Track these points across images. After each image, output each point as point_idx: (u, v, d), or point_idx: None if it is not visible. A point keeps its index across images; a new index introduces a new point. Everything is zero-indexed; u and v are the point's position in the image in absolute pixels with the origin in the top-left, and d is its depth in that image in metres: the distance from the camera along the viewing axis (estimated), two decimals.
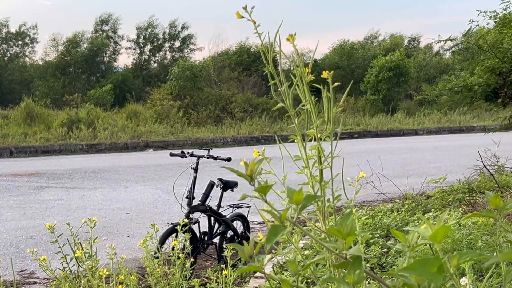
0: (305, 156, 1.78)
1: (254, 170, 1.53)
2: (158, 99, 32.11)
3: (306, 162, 1.79)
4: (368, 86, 38.21)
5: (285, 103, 1.79)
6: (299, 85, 1.77)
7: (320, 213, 1.77)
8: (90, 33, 42.88)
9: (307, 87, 1.73)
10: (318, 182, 1.78)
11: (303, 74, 1.72)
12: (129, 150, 24.93)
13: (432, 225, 1.36)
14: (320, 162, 1.80)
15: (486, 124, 30.37)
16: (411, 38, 49.20)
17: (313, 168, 1.81)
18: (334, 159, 1.84)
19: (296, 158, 1.81)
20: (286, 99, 1.79)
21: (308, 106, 1.74)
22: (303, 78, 1.72)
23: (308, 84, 1.73)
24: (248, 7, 1.75)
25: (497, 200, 1.78)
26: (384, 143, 25.73)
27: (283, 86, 1.77)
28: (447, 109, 27.08)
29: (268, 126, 30.33)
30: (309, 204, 1.50)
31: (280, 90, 1.77)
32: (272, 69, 1.76)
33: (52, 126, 27.40)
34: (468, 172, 12.17)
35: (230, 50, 41.93)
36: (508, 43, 9.24)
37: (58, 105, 33.58)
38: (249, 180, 1.53)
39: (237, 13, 1.76)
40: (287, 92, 1.77)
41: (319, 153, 1.79)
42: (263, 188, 1.49)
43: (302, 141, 1.80)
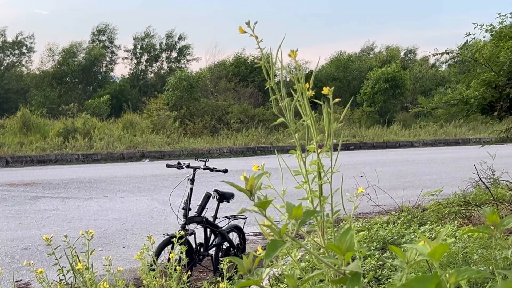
0: (304, 171, 1.79)
1: (253, 185, 1.54)
2: (154, 110, 32.13)
3: (305, 177, 1.80)
4: (364, 98, 38.29)
5: (285, 118, 1.80)
6: (299, 101, 1.79)
7: (319, 228, 1.78)
8: (87, 43, 42.95)
9: (307, 103, 1.75)
10: (318, 197, 1.79)
11: (304, 90, 1.73)
12: (125, 160, 24.91)
13: (431, 242, 1.37)
14: (320, 177, 1.81)
15: (482, 137, 30.43)
16: (407, 50, 49.38)
17: (313, 183, 1.82)
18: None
19: (296, 173, 1.82)
20: (286, 114, 1.80)
21: (309, 121, 1.75)
22: (303, 94, 1.74)
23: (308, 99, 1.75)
24: (251, 22, 1.77)
25: (494, 216, 1.79)
26: (380, 155, 25.76)
27: (284, 102, 1.78)
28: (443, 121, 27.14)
29: (264, 137, 30.35)
30: (308, 219, 1.51)
31: (281, 105, 1.78)
32: (274, 85, 1.78)
33: (48, 136, 27.38)
34: (464, 184, 12.19)
35: (227, 61, 42.01)
36: (504, 57, 9.28)
37: (54, 115, 33.56)
38: (248, 195, 1.54)
39: (240, 28, 1.78)
40: (288, 107, 1.78)
41: (318, 168, 1.81)
42: (263, 203, 1.50)
43: (301, 156, 1.81)
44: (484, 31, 10.24)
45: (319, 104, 1.78)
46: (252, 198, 1.54)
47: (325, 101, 1.79)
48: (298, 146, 1.79)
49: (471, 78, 10.14)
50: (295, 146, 1.85)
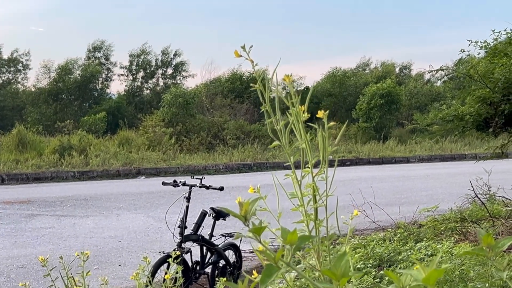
0: (300, 195, 1.80)
1: (248, 211, 1.54)
2: (150, 126, 32.11)
3: (301, 200, 1.80)
4: (360, 113, 38.37)
5: (281, 141, 1.80)
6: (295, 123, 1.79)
7: (314, 251, 1.78)
8: (83, 60, 43.01)
9: (303, 127, 1.75)
10: (313, 220, 1.79)
11: (299, 114, 1.74)
12: (121, 177, 24.87)
13: (425, 267, 1.37)
14: (315, 201, 1.81)
15: (477, 152, 30.46)
16: (402, 66, 49.56)
17: (308, 206, 1.82)
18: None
19: (291, 195, 1.82)
20: (281, 137, 1.81)
21: (304, 145, 1.75)
22: (298, 118, 1.74)
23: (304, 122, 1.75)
24: (246, 46, 1.77)
25: (489, 238, 1.79)
26: (376, 171, 25.77)
27: (279, 125, 1.79)
28: (439, 137, 27.15)
29: (260, 153, 30.34)
30: (303, 244, 1.51)
31: (276, 129, 1.79)
32: (269, 108, 1.78)
33: (44, 153, 27.34)
34: (460, 200, 12.20)
35: (222, 77, 42.08)
36: (499, 73, 9.32)
37: (50, 132, 33.55)
38: (243, 221, 1.54)
39: (236, 52, 1.78)
40: (283, 131, 1.79)
41: (314, 192, 1.81)
42: (257, 229, 1.49)
43: (297, 180, 1.82)
44: (479, 48, 10.29)
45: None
46: (247, 224, 1.54)
47: (320, 125, 1.79)
48: (294, 169, 1.79)
49: (466, 94, 10.18)
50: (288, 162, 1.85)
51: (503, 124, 9.49)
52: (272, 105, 1.81)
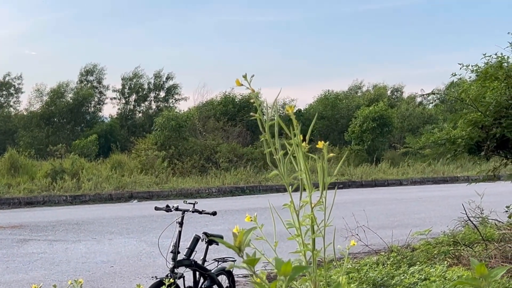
0: (297, 225, 1.80)
1: (242, 241, 1.55)
2: (143, 150, 32.07)
3: (298, 230, 1.81)
4: (353, 136, 38.46)
5: (279, 171, 1.82)
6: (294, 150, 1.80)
7: (311, 282, 1.79)
8: (75, 84, 43.05)
9: (303, 157, 1.76)
10: (311, 250, 1.80)
11: (299, 144, 1.75)
12: (113, 200, 24.79)
13: None
14: (313, 231, 1.82)
15: (469, 175, 30.53)
16: (394, 88, 49.79)
17: (306, 236, 1.83)
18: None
19: (289, 225, 1.83)
20: (280, 167, 1.82)
21: (304, 175, 1.77)
22: (299, 147, 1.76)
23: (304, 154, 1.77)
24: (248, 75, 1.79)
25: (482, 268, 1.80)
26: (369, 193, 25.79)
27: (278, 155, 1.80)
28: (431, 159, 27.23)
29: (253, 176, 30.31)
30: (297, 275, 1.52)
31: (275, 158, 1.80)
32: (269, 137, 1.80)
33: (36, 177, 27.25)
34: (452, 223, 12.21)
35: (215, 100, 42.12)
36: (490, 97, 9.37)
37: (42, 156, 33.47)
38: (237, 252, 1.55)
39: (237, 81, 1.80)
40: (282, 160, 1.80)
41: (312, 222, 1.82)
42: (251, 260, 1.50)
43: (295, 209, 1.83)
44: (470, 72, 10.35)
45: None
46: (241, 255, 1.55)
47: (319, 155, 1.81)
48: (292, 199, 1.80)
49: (458, 118, 10.22)
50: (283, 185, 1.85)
51: (495, 147, 9.53)
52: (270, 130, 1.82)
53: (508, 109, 9.34)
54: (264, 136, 1.80)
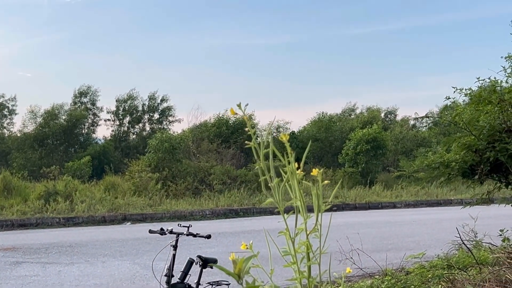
0: (293, 252, 1.81)
1: (242, 269, 1.55)
2: (136, 171, 32.02)
3: (294, 257, 1.81)
4: (346, 158, 38.50)
5: (274, 198, 1.82)
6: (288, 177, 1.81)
7: None
8: (69, 105, 43.07)
9: (297, 184, 1.77)
10: (306, 278, 1.80)
11: (293, 171, 1.76)
12: (106, 223, 24.71)
13: None
14: (309, 259, 1.83)
15: (463, 198, 30.54)
16: (388, 111, 49.95)
17: (301, 263, 1.83)
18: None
19: (285, 253, 1.83)
20: (275, 194, 1.82)
21: (299, 203, 1.78)
22: (294, 175, 1.77)
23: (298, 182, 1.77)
24: (242, 104, 1.80)
25: None
26: (363, 216, 25.78)
27: (273, 182, 1.81)
28: (425, 182, 27.27)
29: (247, 198, 30.28)
30: None
31: (270, 186, 1.81)
32: (263, 165, 1.80)
33: (29, 198, 27.16)
34: (446, 246, 12.22)
35: (208, 122, 42.20)
36: (483, 121, 9.41)
37: (35, 177, 33.37)
38: (237, 279, 1.55)
39: (232, 110, 1.81)
40: (277, 188, 1.81)
41: (307, 249, 1.82)
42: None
43: (290, 237, 1.83)
44: (464, 95, 10.40)
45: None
46: (240, 282, 1.55)
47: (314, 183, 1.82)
48: (287, 226, 1.81)
49: (451, 141, 10.25)
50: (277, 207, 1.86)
51: (489, 171, 9.55)
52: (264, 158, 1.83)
53: (501, 133, 9.38)
54: (258, 164, 1.81)
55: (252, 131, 1.80)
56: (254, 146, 1.79)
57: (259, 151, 1.78)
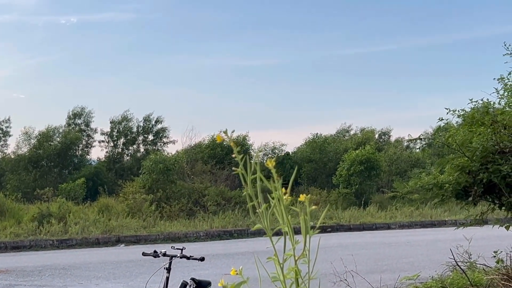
0: (282, 278, 1.81)
1: None
2: (130, 193, 31.94)
3: (283, 283, 1.81)
4: (340, 179, 38.48)
5: (263, 224, 1.83)
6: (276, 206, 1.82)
7: None
8: (63, 127, 43.03)
9: (285, 210, 1.78)
10: None
11: (280, 197, 1.77)
12: (100, 245, 24.62)
13: None
14: (298, 284, 1.83)
15: (457, 219, 30.51)
16: (382, 132, 50.03)
17: None
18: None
19: (274, 279, 1.83)
20: (263, 220, 1.83)
21: (286, 229, 1.78)
22: (280, 201, 1.77)
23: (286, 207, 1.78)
24: (228, 131, 1.81)
25: None
26: (357, 237, 25.73)
27: (261, 208, 1.81)
28: (419, 203, 27.21)
29: (241, 219, 30.20)
30: None
31: (258, 212, 1.81)
32: (251, 191, 1.81)
33: (22, 220, 27.06)
34: (441, 268, 12.19)
35: (203, 143, 42.20)
36: (477, 142, 9.45)
37: (29, 199, 33.27)
38: None
39: (218, 137, 1.83)
40: (265, 214, 1.81)
41: (296, 275, 1.82)
42: None
43: (279, 262, 1.83)
44: (457, 116, 10.45)
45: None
46: None
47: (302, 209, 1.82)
48: (276, 252, 1.81)
49: (445, 163, 10.28)
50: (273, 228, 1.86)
51: (482, 193, 9.57)
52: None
53: (494, 154, 9.42)
54: (246, 190, 1.82)
55: (239, 157, 1.80)
56: (241, 172, 1.80)
57: (246, 177, 1.79)
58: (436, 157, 34.87)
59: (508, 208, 9.83)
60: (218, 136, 1.81)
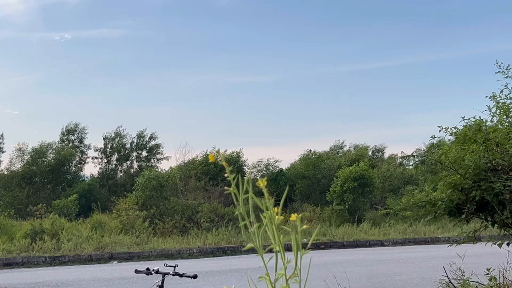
0: None
1: None
2: (123, 209, 31.88)
3: None
4: (334, 196, 38.48)
5: (254, 244, 1.84)
6: None
7: None
8: (57, 143, 43.00)
9: (276, 229, 1.79)
10: None
11: (272, 217, 1.78)
12: (93, 261, 24.53)
13: None
14: None
15: (450, 236, 30.54)
16: (375, 149, 50.13)
17: None
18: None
19: None
20: (255, 239, 1.84)
21: (277, 248, 1.79)
22: (272, 221, 1.78)
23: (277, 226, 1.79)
24: (221, 149, 1.83)
25: None
26: (351, 254, 25.70)
27: (253, 227, 1.82)
28: (412, 220, 27.25)
29: (235, 236, 30.15)
30: None
31: (250, 231, 1.83)
32: (243, 210, 1.82)
33: (15, 237, 26.95)
34: (434, 285, 12.18)
35: (196, 160, 42.21)
36: (469, 160, 9.49)
37: (22, 216, 33.19)
38: None
39: (211, 156, 1.84)
40: (257, 233, 1.82)
41: None
42: None
43: (271, 282, 1.84)
44: (449, 134, 10.49)
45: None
46: None
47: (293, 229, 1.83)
48: (268, 272, 1.82)
49: (438, 180, 10.31)
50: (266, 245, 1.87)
51: (475, 210, 9.61)
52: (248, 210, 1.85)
53: (487, 172, 9.46)
54: (238, 209, 1.83)
55: (231, 177, 1.82)
56: (233, 191, 1.81)
57: (238, 197, 1.80)
58: (429, 174, 34.90)
59: (501, 226, 9.86)
60: (211, 156, 1.83)
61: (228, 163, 1.88)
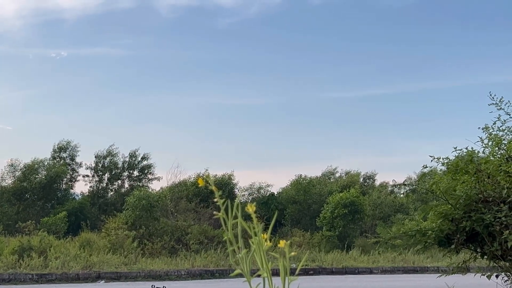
0: None
1: None
2: (113, 229, 31.74)
3: None
4: (324, 222, 38.38)
5: (242, 270, 1.83)
6: None
7: None
8: (48, 160, 42.85)
9: (264, 256, 1.78)
10: None
11: (260, 244, 1.77)
12: (80, 280, 24.36)
13: None
14: None
15: (440, 265, 30.43)
16: (366, 176, 50.13)
17: None
18: None
19: None
20: (243, 265, 1.83)
21: (265, 274, 1.78)
22: (260, 247, 1.77)
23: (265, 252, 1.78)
24: (213, 172, 1.82)
25: None
26: (339, 281, 25.60)
27: (241, 253, 1.81)
28: (402, 248, 27.21)
29: (224, 259, 30.01)
30: None
31: (238, 257, 1.81)
32: (231, 235, 1.81)
33: (2, 253, 26.77)
34: None
35: (188, 181, 42.10)
36: (460, 190, 9.50)
37: (10, 232, 32.99)
38: None
39: (200, 181, 1.83)
40: (245, 259, 1.81)
41: None
42: None
43: None
44: (441, 164, 10.51)
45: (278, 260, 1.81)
46: None
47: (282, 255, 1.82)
48: None
49: (428, 210, 10.32)
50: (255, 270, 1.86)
51: (465, 241, 9.61)
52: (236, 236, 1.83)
53: (478, 203, 9.47)
54: (227, 234, 1.82)
55: (220, 201, 1.81)
56: (223, 216, 1.81)
57: (227, 222, 1.79)
58: (420, 203, 34.90)
59: (490, 257, 9.85)
60: (200, 180, 1.82)
61: (218, 186, 1.88)
